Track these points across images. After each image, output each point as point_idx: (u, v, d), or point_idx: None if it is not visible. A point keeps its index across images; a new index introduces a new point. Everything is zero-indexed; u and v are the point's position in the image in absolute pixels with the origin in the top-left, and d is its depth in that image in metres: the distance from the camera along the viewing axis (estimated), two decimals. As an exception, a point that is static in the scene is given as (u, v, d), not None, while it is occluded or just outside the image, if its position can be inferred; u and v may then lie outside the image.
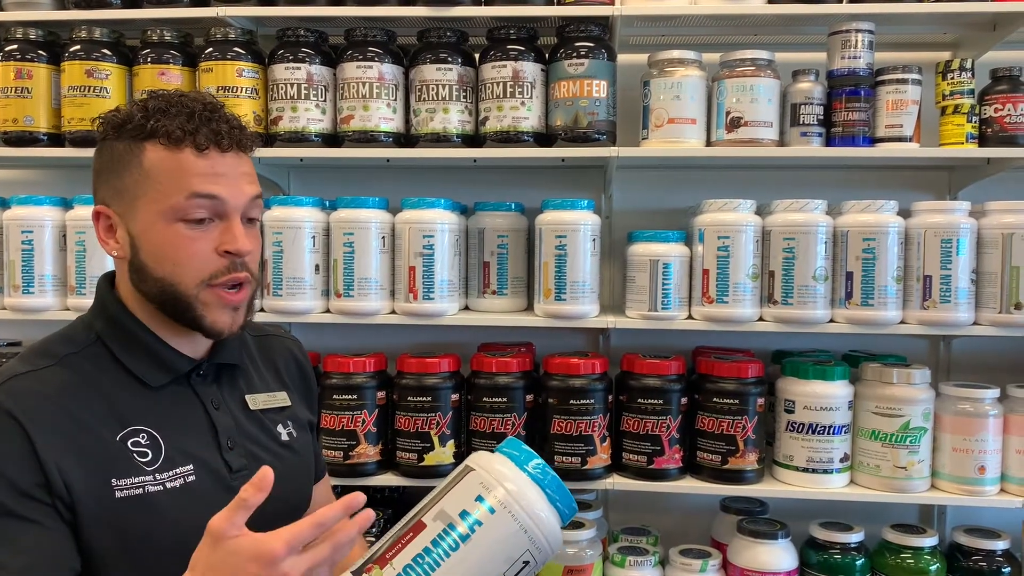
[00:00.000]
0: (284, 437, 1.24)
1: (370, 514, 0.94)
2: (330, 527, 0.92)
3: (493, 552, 1.00)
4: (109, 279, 1.17)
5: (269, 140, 2.00)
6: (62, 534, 1.00)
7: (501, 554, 1.00)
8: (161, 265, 1.08)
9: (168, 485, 1.07)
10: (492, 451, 1.08)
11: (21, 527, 0.98)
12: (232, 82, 1.96)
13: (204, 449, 1.12)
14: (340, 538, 0.91)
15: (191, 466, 1.10)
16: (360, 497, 0.94)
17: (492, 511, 1.00)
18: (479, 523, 1.00)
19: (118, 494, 1.03)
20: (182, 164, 1.07)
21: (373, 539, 1.84)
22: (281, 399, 1.27)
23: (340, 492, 2.21)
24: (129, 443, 1.06)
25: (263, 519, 1.11)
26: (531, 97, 1.93)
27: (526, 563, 1.01)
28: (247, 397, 1.22)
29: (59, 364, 1.08)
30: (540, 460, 1.06)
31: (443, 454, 1.93)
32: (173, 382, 1.13)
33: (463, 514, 1.00)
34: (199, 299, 1.09)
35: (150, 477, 1.06)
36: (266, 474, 0.92)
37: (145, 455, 1.07)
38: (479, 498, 1.01)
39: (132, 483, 1.04)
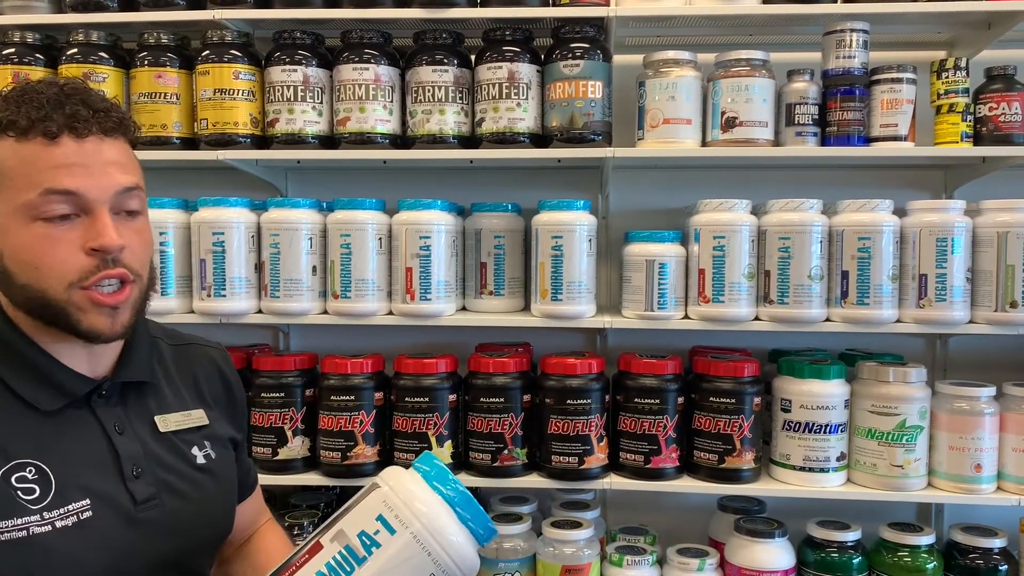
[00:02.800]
0: (200, 460, 1.12)
1: None
2: None
3: None
4: None
5: (266, 142, 2.01)
6: None
7: None
8: (24, 270, 0.96)
9: (59, 524, 0.95)
10: (407, 466, 1.00)
11: None
12: (229, 84, 1.96)
13: (103, 480, 1.01)
14: None
15: (87, 500, 0.98)
16: None
17: (393, 532, 0.92)
18: (377, 545, 0.92)
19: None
20: (32, 156, 0.94)
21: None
22: (197, 417, 1.15)
23: (340, 492, 2.22)
24: (13, 479, 0.94)
25: (178, 553, 1.06)
26: (527, 98, 1.93)
27: None
28: (157, 418, 1.10)
29: None
30: (454, 477, 0.98)
31: (441, 455, 1.94)
32: (69, 405, 1.01)
33: (362, 535, 0.92)
34: (71, 303, 0.96)
35: (36, 516, 0.94)
36: None
37: (31, 492, 0.95)
38: (380, 517, 0.93)
39: (15, 524, 0.92)
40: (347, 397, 1.93)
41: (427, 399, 1.92)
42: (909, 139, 1.91)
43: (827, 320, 1.90)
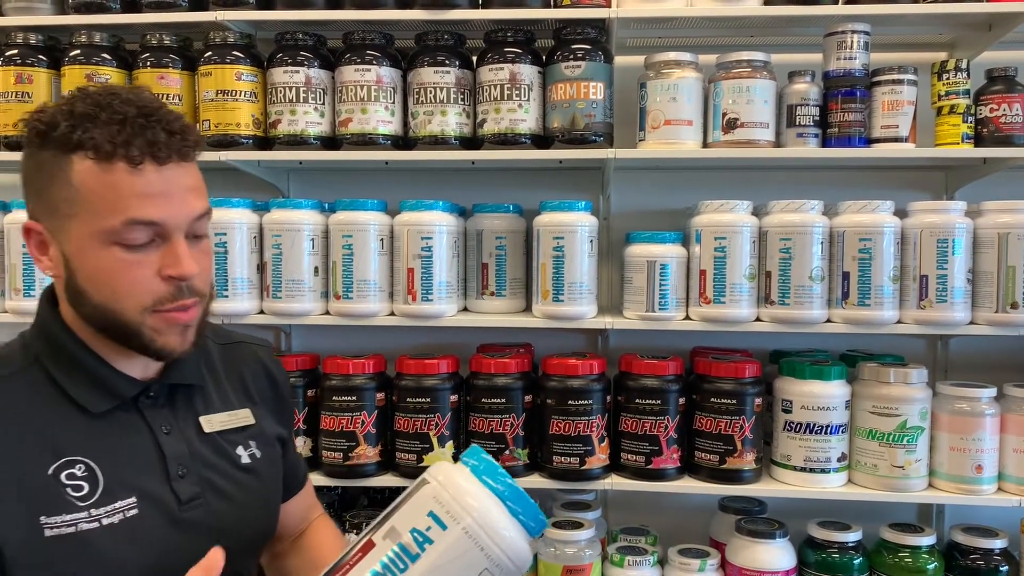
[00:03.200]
0: (245, 459, 1.13)
1: None
2: None
3: (446, 572, 0.91)
4: (50, 295, 1.07)
5: (268, 143, 2.01)
6: None
7: (455, 573, 0.92)
8: (99, 291, 0.97)
9: (105, 521, 0.97)
10: (455, 461, 1.00)
11: None
12: (231, 85, 1.97)
13: (149, 479, 1.02)
14: None
15: (133, 499, 1.00)
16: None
17: (444, 528, 0.92)
18: (429, 541, 0.91)
19: (48, 532, 0.94)
20: (115, 183, 0.94)
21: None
22: (243, 417, 1.16)
23: (342, 492, 2.23)
24: (63, 476, 0.96)
25: (193, 528, 1.06)
26: (528, 99, 1.94)
27: None
28: (202, 419, 1.11)
29: None
30: (503, 471, 0.97)
31: (442, 455, 1.94)
32: (118, 407, 1.03)
33: (414, 531, 0.92)
34: (146, 325, 0.99)
35: (84, 513, 0.96)
36: (215, 558, 0.88)
37: (80, 488, 0.97)
38: (431, 513, 0.92)
39: (64, 521, 0.95)
40: (349, 397, 1.94)
41: (428, 399, 1.93)
42: (910, 140, 1.92)
43: (828, 321, 1.90)
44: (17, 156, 2.11)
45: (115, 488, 0.99)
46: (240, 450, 1.14)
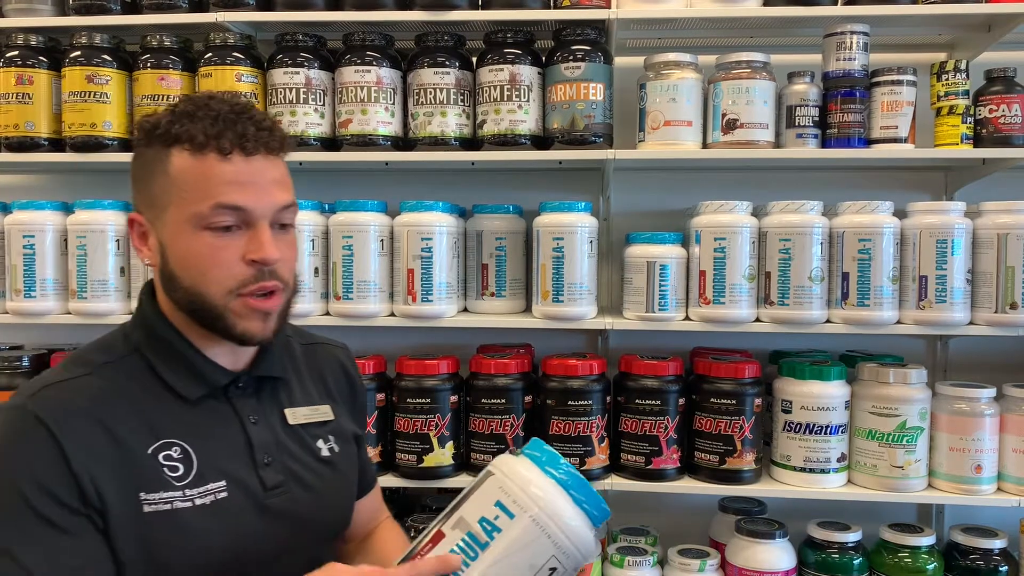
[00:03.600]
0: (324, 453, 1.19)
1: None
2: None
3: (515, 560, 0.94)
4: (150, 288, 1.14)
5: (268, 144, 2.01)
6: (98, 544, 0.98)
7: (524, 561, 0.94)
8: (188, 274, 1.04)
9: (197, 501, 1.03)
10: (516, 453, 1.02)
11: (58, 536, 0.96)
12: (231, 87, 1.97)
13: (238, 465, 1.08)
14: None
15: (223, 482, 1.06)
16: (456, 562, 0.95)
17: (512, 517, 0.94)
18: (499, 530, 0.94)
19: (146, 508, 1.00)
20: (206, 171, 1.02)
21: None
22: (323, 412, 1.22)
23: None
24: (160, 456, 1.03)
25: (298, 540, 1.13)
26: (528, 100, 1.94)
27: (553, 570, 0.96)
28: (287, 411, 1.17)
29: (94, 374, 1.05)
30: (565, 461, 0.99)
31: (442, 455, 1.94)
32: (210, 395, 1.09)
33: (482, 521, 0.95)
34: (228, 308, 1.04)
35: (179, 493, 1.02)
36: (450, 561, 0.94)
37: (176, 470, 1.03)
38: (498, 503, 0.95)
39: (161, 498, 1.01)
40: (349, 398, 1.94)
41: (429, 400, 1.93)
42: (909, 141, 1.92)
43: (827, 321, 1.91)
44: (16, 157, 2.13)
45: (207, 471, 1.05)
46: (320, 443, 1.19)
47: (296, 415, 1.17)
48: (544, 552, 0.94)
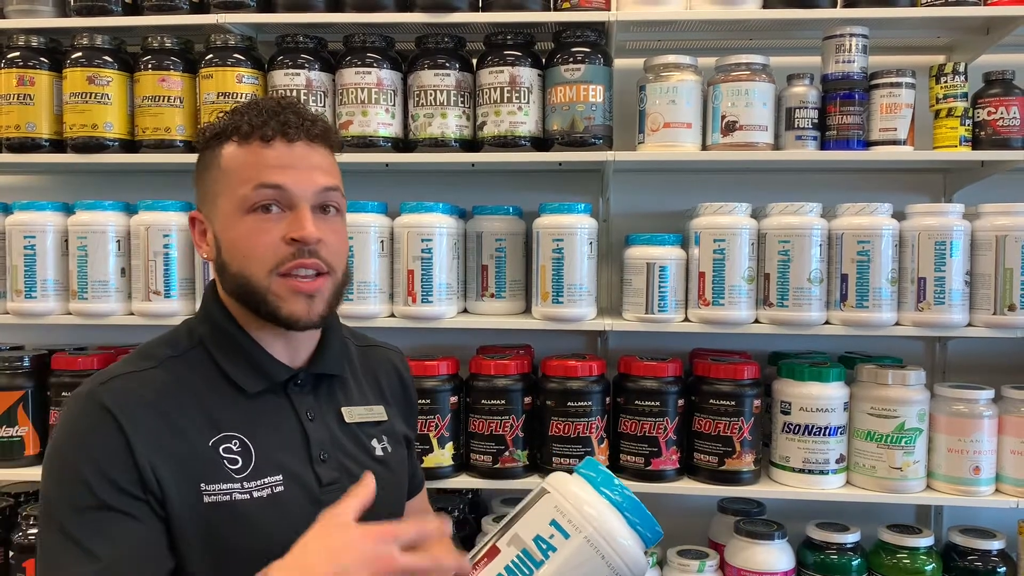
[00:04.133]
0: (379, 452, 1.21)
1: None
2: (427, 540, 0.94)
3: None
4: (214, 285, 1.17)
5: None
6: (158, 531, 1.00)
7: None
8: (235, 259, 1.08)
9: (255, 494, 1.05)
10: (570, 472, 1.03)
11: (119, 521, 0.98)
12: (232, 88, 1.98)
13: (295, 460, 1.10)
14: (441, 561, 0.92)
15: (280, 476, 1.08)
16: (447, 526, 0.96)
17: (567, 536, 0.95)
18: (553, 548, 0.95)
19: (206, 499, 1.03)
20: (251, 157, 1.08)
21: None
22: (378, 413, 1.24)
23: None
24: (221, 449, 1.06)
25: None
26: (528, 102, 1.94)
27: None
28: (343, 409, 1.19)
29: (159, 367, 1.08)
30: (619, 482, 1.00)
31: (442, 456, 1.95)
32: (269, 390, 1.12)
33: (537, 539, 0.96)
34: (271, 290, 1.07)
35: (238, 485, 1.05)
36: (368, 481, 0.96)
37: (235, 462, 1.06)
38: (553, 522, 0.96)
39: (220, 489, 1.04)
40: (349, 399, 1.94)
41: (428, 401, 1.93)
42: (908, 143, 1.92)
43: (826, 323, 1.91)
44: (17, 158, 2.13)
45: (265, 465, 1.07)
46: (375, 443, 1.21)
47: (352, 414, 1.20)
48: (597, 572, 0.95)
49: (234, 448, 1.06)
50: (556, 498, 0.98)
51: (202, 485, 1.03)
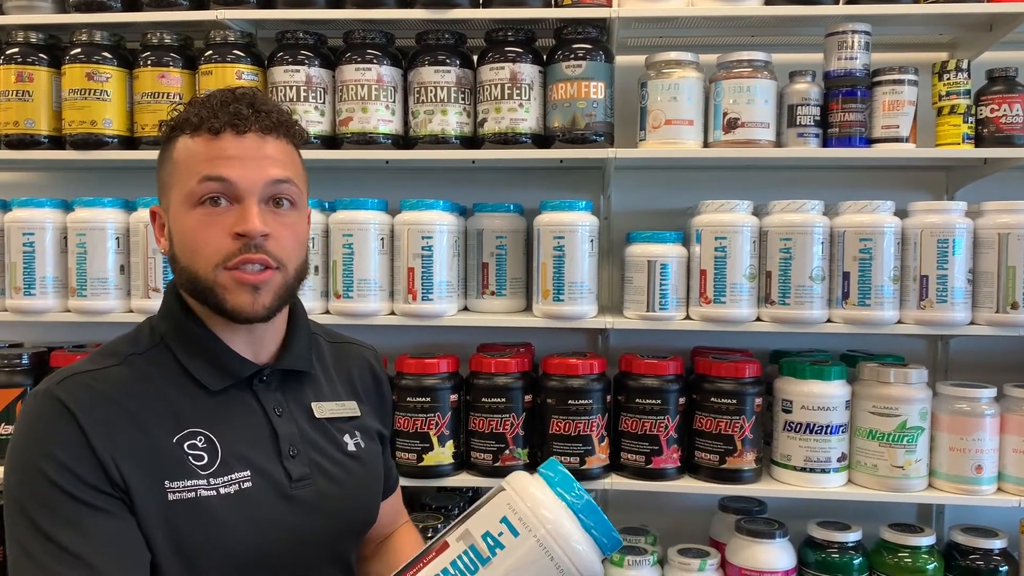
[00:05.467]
0: (351, 447, 1.20)
1: None
2: None
3: None
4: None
5: (268, 142, 2.01)
6: (132, 524, 0.99)
7: None
8: (184, 254, 1.07)
9: (222, 491, 1.04)
10: (533, 472, 1.01)
11: (92, 515, 0.97)
12: (232, 84, 1.95)
13: (263, 456, 1.09)
14: None
15: (248, 472, 1.07)
16: None
17: (517, 535, 0.93)
18: (501, 546, 0.93)
19: (171, 496, 1.01)
20: (198, 149, 1.06)
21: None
22: (350, 408, 1.23)
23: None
24: (185, 445, 1.04)
25: (324, 533, 1.14)
26: (529, 99, 1.94)
27: None
28: (313, 405, 1.18)
29: (121, 364, 1.07)
30: (579, 485, 0.97)
31: (442, 454, 1.94)
32: (233, 387, 1.10)
33: (486, 535, 0.94)
34: (217, 283, 1.05)
35: (204, 481, 1.03)
36: None
37: (200, 459, 1.04)
38: (504, 520, 0.94)
39: (185, 486, 1.02)
40: (349, 397, 1.93)
41: (429, 399, 1.93)
42: (910, 140, 1.92)
43: (828, 321, 1.91)
44: (16, 155, 2.13)
45: (231, 461, 1.06)
46: (347, 438, 1.20)
47: (323, 409, 1.19)
48: (547, 574, 0.93)
49: (199, 444, 1.05)
50: (510, 495, 0.96)
51: (167, 482, 1.01)
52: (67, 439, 0.98)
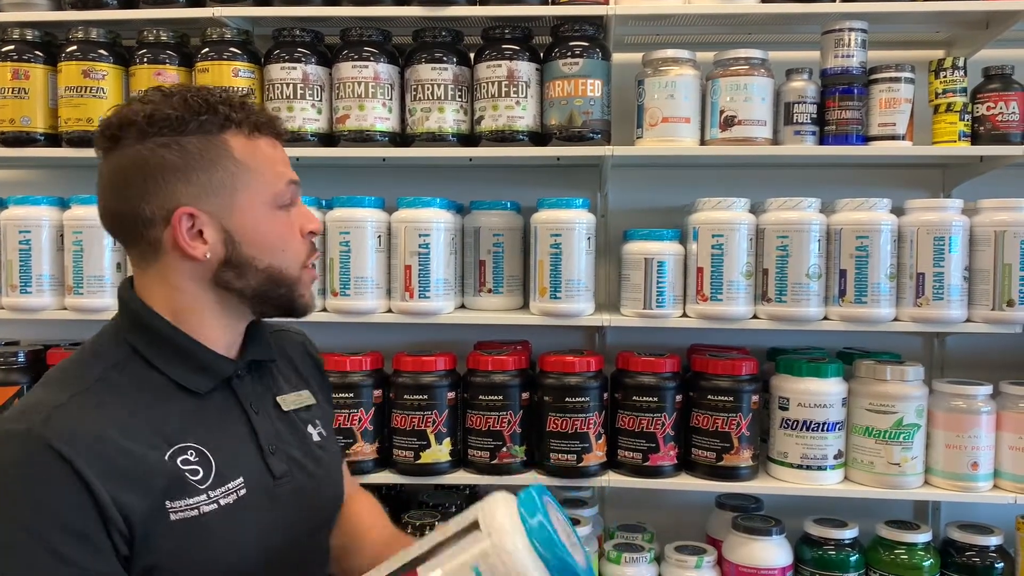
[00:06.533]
0: (316, 437, 1.20)
1: None
2: None
3: None
4: (131, 286, 1.10)
5: (265, 140, 2.01)
6: (120, 571, 0.94)
7: None
8: (270, 254, 1.07)
9: (222, 502, 1.01)
10: (516, 497, 0.95)
11: (68, 573, 0.90)
12: (228, 82, 1.96)
13: (249, 458, 1.08)
14: None
15: (241, 479, 1.05)
16: None
17: None
18: None
19: (173, 516, 0.97)
20: (271, 154, 1.08)
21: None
22: (307, 398, 1.22)
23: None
24: (179, 461, 0.99)
25: (305, 526, 1.14)
26: (526, 96, 1.93)
27: None
28: (279, 399, 1.17)
29: (95, 387, 0.99)
30: (560, 541, 0.91)
31: (439, 452, 1.94)
32: (215, 388, 1.07)
33: None
34: (301, 280, 1.11)
35: (204, 496, 1.00)
36: None
37: (196, 473, 1.00)
38: (475, 570, 0.89)
39: (187, 504, 0.98)
40: (346, 394, 1.93)
41: (426, 396, 1.93)
42: (907, 138, 1.92)
43: (825, 319, 1.91)
44: (12, 152, 2.11)
45: (225, 470, 1.04)
46: (311, 429, 1.20)
47: (287, 402, 1.18)
48: None
49: (192, 459, 1.01)
50: (486, 546, 0.90)
51: (167, 503, 0.97)
52: (66, 491, 0.90)
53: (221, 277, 1.06)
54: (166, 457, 0.99)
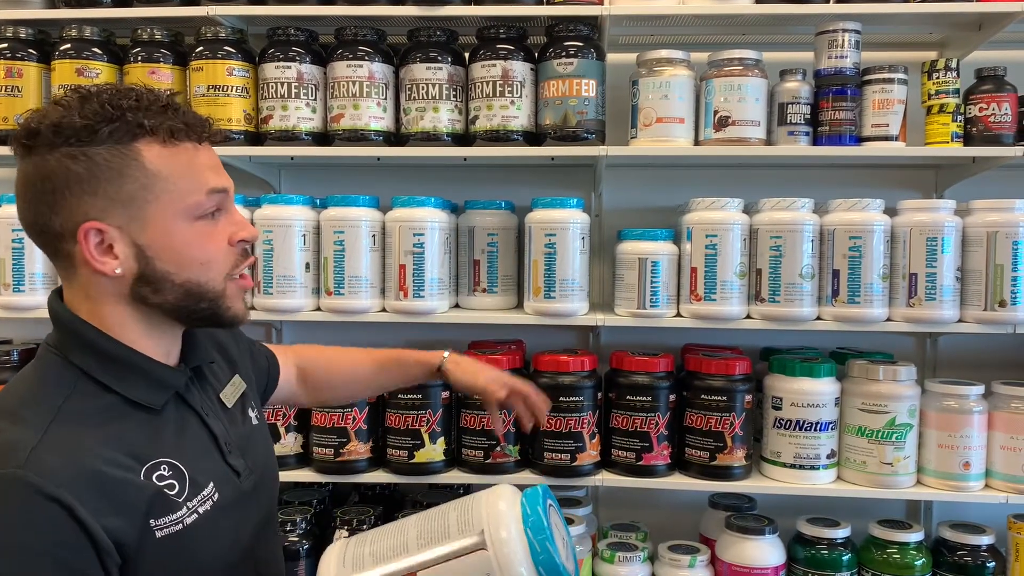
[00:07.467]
0: (255, 421, 1.22)
1: None
2: None
3: None
4: (61, 302, 1.04)
5: (259, 139, 2.01)
6: None
7: None
8: (188, 268, 1.01)
9: (201, 511, 1.01)
10: (521, 509, 0.95)
11: None
12: (222, 81, 1.96)
13: (213, 462, 1.08)
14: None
15: (212, 484, 1.04)
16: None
17: None
18: None
19: (159, 534, 0.96)
20: (188, 161, 1.01)
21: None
22: (238, 384, 1.21)
23: (333, 489, 2.21)
24: (154, 478, 0.98)
25: (268, 510, 1.18)
26: (520, 96, 1.94)
27: None
28: (220, 396, 1.16)
29: (62, 415, 0.95)
30: (561, 563, 0.91)
31: (433, 451, 1.94)
32: (168, 401, 1.05)
33: None
34: (226, 293, 1.05)
35: (184, 509, 0.99)
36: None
37: (173, 487, 0.99)
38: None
39: (170, 520, 0.97)
40: (340, 394, 1.93)
41: (420, 396, 1.93)
42: (900, 139, 1.92)
43: (818, 319, 1.91)
44: (6, 150, 2.10)
45: (198, 478, 1.03)
46: (251, 412, 1.22)
47: (227, 396, 1.18)
48: None
49: (166, 473, 0.99)
50: (491, 565, 0.90)
51: (151, 522, 0.95)
52: (63, 532, 0.88)
53: (137, 292, 1.01)
54: (142, 477, 0.96)
